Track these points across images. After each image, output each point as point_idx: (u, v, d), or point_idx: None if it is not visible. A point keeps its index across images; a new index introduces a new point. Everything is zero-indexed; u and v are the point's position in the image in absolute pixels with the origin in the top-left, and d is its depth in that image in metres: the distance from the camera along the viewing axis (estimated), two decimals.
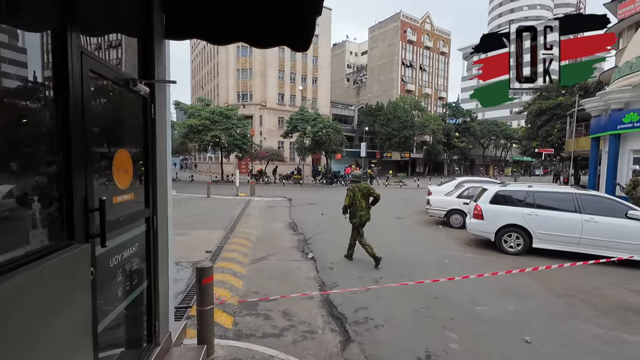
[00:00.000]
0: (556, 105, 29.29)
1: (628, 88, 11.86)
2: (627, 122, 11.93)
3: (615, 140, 12.65)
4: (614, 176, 12.67)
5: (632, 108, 12.04)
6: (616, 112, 12.53)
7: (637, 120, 11.59)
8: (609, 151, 12.94)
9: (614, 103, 12.61)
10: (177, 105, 24.35)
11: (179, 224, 8.92)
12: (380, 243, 7.47)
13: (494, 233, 6.52)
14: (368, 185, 6.10)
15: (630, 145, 12.30)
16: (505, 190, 6.66)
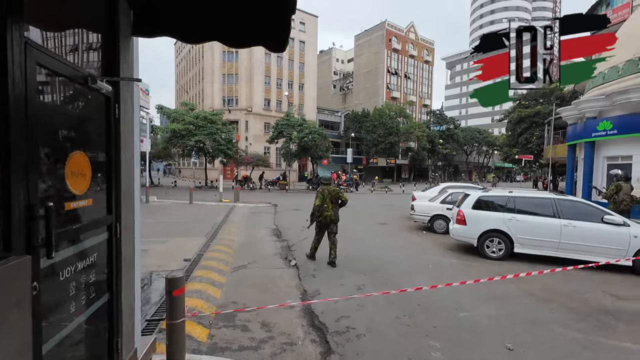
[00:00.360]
0: (535, 113, 30.31)
1: (601, 97, 12.34)
2: (601, 130, 12.39)
3: (590, 147, 13.11)
4: (590, 182, 13.09)
5: (605, 116, 12.52)
6: (591, 121, 13.01)
7: (610, 128, 12.05)
8: (585, 158, 13.39)
9: (588, 112, 13.09)
10: (160, 109, 23.84)
11: (158, 232, 8.62)
12: (364, 248, 7.43)
13: (476, 238, 6.56)
14: (336, 188, 6.32)
15: (604, 152, 12.77)
16: (487, 195, 6.73)
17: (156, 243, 7.33)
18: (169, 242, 7.53)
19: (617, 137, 11.94)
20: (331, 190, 6.08)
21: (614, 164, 12.60)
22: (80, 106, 1.94)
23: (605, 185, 11.33)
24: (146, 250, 6.64)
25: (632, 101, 11.08)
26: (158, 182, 30.38)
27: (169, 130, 23.50)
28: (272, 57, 42.30)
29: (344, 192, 6.20)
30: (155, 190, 22.33)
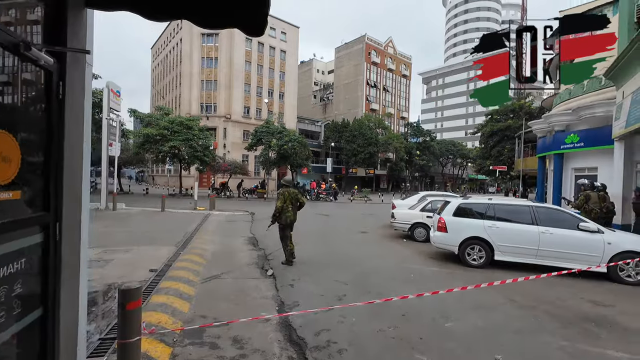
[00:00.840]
0: (506, 127, 31.76)
1: (568, 112, 12.99)
2: (569, 142, 12.99)
3: (559, 159, 13.70)
4: (559, 192, 13.63)
5: (572, 130, 13.16)
6: (559, 134, 13.63)
7: (577, 141, 12.66)
8: (554, 169, 13.97)
9: (557, 125, 13.73)
10: (133, 113, 22.80)
11: (124, 240, 7.98)
12: (345, 257, 7.18)
13: (457, 246, 6.49)
14: (296, 191, 6.59)
15: (572, 164, 13.37)
16: (468, 202, 6.72)
17: (120, 252, 6.75)
18: (134, 251, 6.96)
19: (583, 150, 12.53)
20: (292, 192, 6.32)
21: (581, 174, 13.21)
22: (10, 78, 1.59)
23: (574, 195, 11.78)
24: (108, 261, 6.07)
25: (597, 115, 11.70)
26: (128, 189, 28.92)
27: (142, 134, 22.48)
28: (253, 64, 42.09)
29: (303, 197, 6.64)
30: (124, 197, 21.15)
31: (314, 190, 25.50)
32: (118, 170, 28.25)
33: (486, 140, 34.64)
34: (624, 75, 8.71)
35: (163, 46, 50.88)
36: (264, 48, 43.23)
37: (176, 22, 44.16)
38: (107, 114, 14.72)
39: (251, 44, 41.84)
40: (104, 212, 13.55)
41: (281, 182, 6.80)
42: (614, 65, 8.90)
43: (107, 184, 15.11)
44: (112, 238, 8.30)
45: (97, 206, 14.69)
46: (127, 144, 29.26)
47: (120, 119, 15.85)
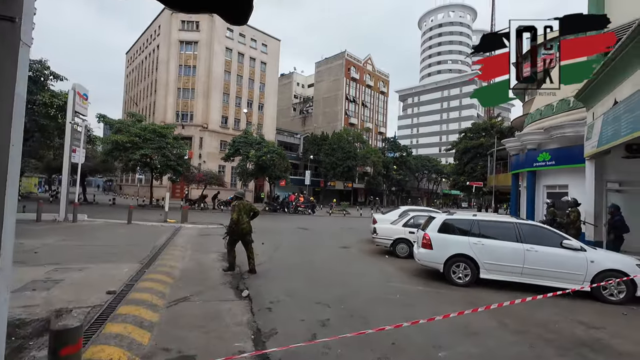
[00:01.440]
0: (479, 145, 32.98)
1: (540, 131, 13.51)
2: (541, 160, 13.46)
3: (532, 176, 14.14)
4: (532, 208, 14.01)
5: (543, 148, 13.67)
6: (531, 152, 14.12)
7: (548, 159, 13.13)
8: (527, 186, 14.39)
9: (529, 144, 14.23)
10: (102, 118, 21.49)
11: (79, 256, 7.15)
12: (327, 275, 6.76)
13: (442, 263, 6.27)
14: (249, 202, 6.94)
15: (544, 181, 13.83)
16: (453, 218, 6.56)
17: (73, 271, 5.97)
18: (91, 269, 6.19)
19: (555, 168, 12.99)
20: (245, 205, 6.64)
21: (553, 192, 13.67)
22: None
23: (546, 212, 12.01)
24: (57, 281, 5.31)
25: (567, 135, 12.20)
26: (93, 199, 27.08)
27: (111, 141, 21.18)
28: (232, 74, 41.58)
29: (256, 207, 7.02)
30: (87, 208, 19.68)
31: (292, 203, 24.99)
32: (82, 179, 26.45)
33: (460, 156, 35.79)
34: (594, 97, 9.11)
35: (139, 52, 49.38)
36: (244, 59, 42.96)
37: (154, 28, 43.12)
38: (72, 118, 13.69)
39: (231, 54, 41.47)
40: (62, 225, 12.38)
41: (235, 194, 7.03)
42: (584, 88, 9.30)
43: (68, 193, 13.91)
44: (67, 254, 7.44)
45: (55, 217, 13.44)
46: (94, 151, 27.56)
47: (87, 123, 14.79)
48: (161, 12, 41.13)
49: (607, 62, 7.71)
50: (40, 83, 14.94)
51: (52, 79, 15.23)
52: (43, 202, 13.91)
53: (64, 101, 14.27)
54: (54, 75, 15.22)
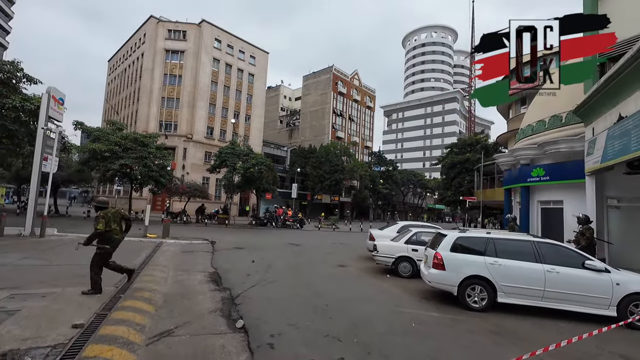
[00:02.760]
0: (465, 160, 33.38)
1: (533, 146, 13.51)
2: (535, 176, 13.40)
3: (526, 192, 14.06)
4: (527, 224, 13.85)
5: (537, 164, 13.66)
6: (524, 167, 14.09)
7: (543, 174, 13.08)
8: (522, 201, 14.29)
9: (522, 159, 14.21)
10: (79, 125, 20.23)
11: (42, 278, 6.19)
12: (330, 299, 5.99)
13: (456, 286, 5.74)
14: (119, 210, 6.14)
15: (538, 197, 13.75)
16: (466, 236, 6.08)
17: (34, 297, 5.06)
18: (55, 294, 5.28)
19: (549, 183, 12.93)
20: (114, 213, 5.79)
21: (547, 207, 13.59)
22: None
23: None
24: (11, 312, 4.42)
25: (561, 151, 12.20)
26: (66, 211, 25.32)
27: (88, 150, 19.89)
28: (219, 85, 40.95)
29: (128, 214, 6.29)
30: (59, 221, 18.21)
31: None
32: (54, 190, 24.74)
33: (447, 171, 36.09)
34: (594, 112, 9.04)
35: (122, 59, 48.10)
36: (231, 70, 42.51)
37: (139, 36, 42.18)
38: (45, 123, 12.63)
39: (218, 64, 40.95)
40: (26, 240, 11.16)
41: (97, 203, 5.92)
42: (584, 104, 9.25)
43: (36, 204, 12.69)
44: (28, 275, 6.46)
45: (19, 232, 12.17)
46: (69, 160, 25.96)
47: (62, 129, 13.71)
48: (147, 20, 40.36)
49: (610, 78, 7.64)
50: (11, 85, 13.82)
51: (26, 81, 14.14)
52: (7, 215, 12.62)
53: (37, 105, 13.21)
54: (28, 78, 14.14)
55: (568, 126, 12.38)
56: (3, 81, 13.39)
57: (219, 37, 41.09)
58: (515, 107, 28.63)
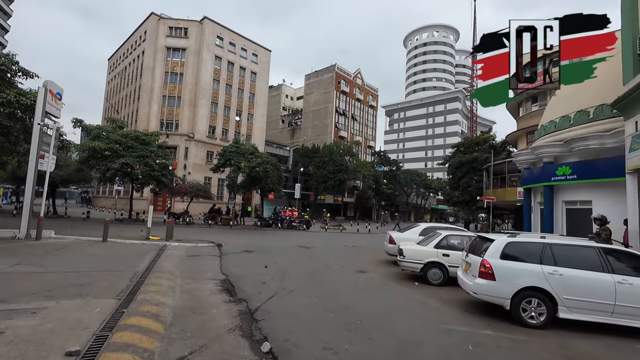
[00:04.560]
0: (473, 159, 32.60)
1: (558, 143, 12.76)
2: (560, 175, 12.65)
3: (550, 191, 13.30)
4: (550, 225, 13.10)
5: (561, 162, 12.90)
6: (548, 165, 13.33)
7: (569, 173, 12.34)
8: (545, 202, 13.53)
9: (545, 156, 13.45)
10: (79, 123, 19.45)
11: (34, 289, 5.42)
12: (363, 312, 5.18)
13: (509, 298, 5.00)
14: None
15: (563, 196, 13.00)
16: (518, 241, 5.33)
17: (22, 314, 4.30)
18: (49, 309, 4.53)
19: (576, 182, 12.18)
20: None
21: (573, 208, 12.84)
22: None
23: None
24: None
25: (591, 148, 11.45)
26: (65, 212, 24.56)
27: (88, 148, 19.12)
28: (221, 83, 40.22)
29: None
30: (57, 222, 17.47)
31: (287, 218, 23.38)
32: (53, 189, 23.97)
33: (454, 171, 35.29)
34: (636, 106, 8.30)
35: (122, 58, 47.37)
36: (233, 68, 41.79)
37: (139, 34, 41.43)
38: (42, 119, 11.89)
39: (220, 62, 40.22)
40: (21, 243, 10.41)
41: None
42: (626, 96, 8.50)
43: (32, 205, 11.94)
44: (19, 285, 5.70)
45: (14, 234, 11.42)
46: (68, 158, 25.19)
47: (59, 125, 12.96)
48: (148, 17, 39.62)
49: None
50: (5, 80, 13.07)
51: (21, 75, 13.39)
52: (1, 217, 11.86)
53: (33, 100, 12.45)
54: (23, 72, 13.36)
55: (598, 121, 11.63)
56: None
57: (221, 34, 40.37)
58: (525, 105, 27.91)
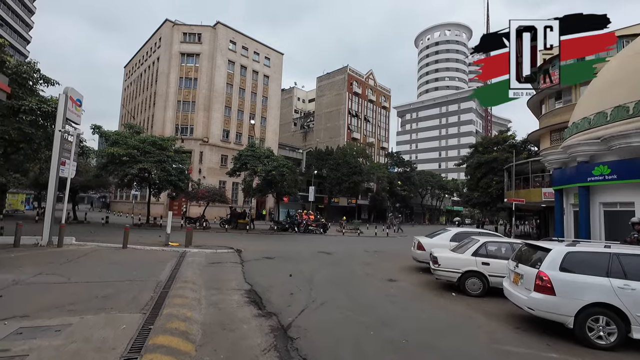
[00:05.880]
0: (493, 159, 31.55)
1: (595, 141, 11.99)
2: (598, 174, 11.87)
3: (585, 192, 12.51)
4: (587, 229, 12.31)
5: (598, 161, 12.12)
6: (583, 165, 12.55)
7: (608, 173, 11.56)
8: (580, 203, 12.73)
9: (580, 155, 12.67)
10: (97, 129, 19.69)
11: (57, 302, 5.17)
12: (405, 330, 4.52)
13: (572, 316, 4.46)
14: None
15: (600, 198, 12.20)
16: (580, 251, 4.78)
17: (46, 334, 4.02)
18: (72, 327, 4.25)
19: (616, 183, 11.40)
20: None
21: (612, 210, 12.03)
22: None
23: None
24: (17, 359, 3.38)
25: (633, 145, 10.69)
26: (85, 217, 24.89)
27: (107, 154, 19.30)
28: (234, 87, 40.38)
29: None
30: (77, 228, 17.58)
31: (304, 221, 23.03)
32: (73, 195, 24.33)
33: (473, 172, 34.24)
34: None
35: (137, 65, 48.23)
36: (246, 72, 41.92)
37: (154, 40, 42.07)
38: (62, 126, 11.91)
39: (233, 66, 40.41)
40: (43, 251, 10.36)
41: None
42: None
43: (54, 212, 11.94)
44: (42, 297, 5.49)
45: (36, 241, 11.43)
46: (87, 164, 25.58)
47: (79, 132, 13.00)
48: (162, 24, 40.20)
49: None
50: (27, 87, 13.23)
51: (42, 83, 13.53)
52: (24, 223, 11.90)
53: (54, 107, 12.52)
54: (45, 79, 13.52)
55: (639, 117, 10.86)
56: (19, 83, 12.76)
57: (234, 38, 40.59)
58: (548, 102, 26.84)
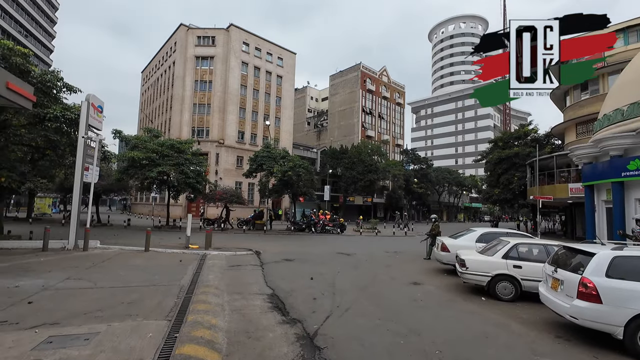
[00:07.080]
0: (514, 154, 30.47)
1: (630, 134, 11.32)
2: (633, 169, 11.21)
3: (619, 188, 11.85)
4: (621, 227, 11.64)
5: (633, 155, 11.45)
6: (617, 159, 11.89)
7: None
8: (614, 200, 12.06)
9: (613, 149, 12.02)
10: (118, 134, 20.19)
11: (85, 308, 5.20)
12: (436, 339, 4.21)
13: (622, 326, 4.12)
14: None
15: (636, 194, 11.53)
16: (628, 256, 4.43)
17: (75, 343, 4.02)
18: (100, 337, 4.25)
19: None
20: None
21: None
22: None
23: None
24: None
25: None
26: (107, 220, 25.61)
27: (127, 158, 19.76)
28: (248, 88, 40.66)
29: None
30: (101, 231, 18.07)
31: (321, 221, 22.92)
32: (96, 198, 25.07)
33: (493, 167, 33.19)
34: None
35: (154, 69, 49.32)
36: (260, 72, 42.14)
37: (170, 45, 42.87)
38: (85, 132, 12.20)
39: (247, 68, 40.69)
40: (70, 255, 10.63)
41: None
42: None
43: (79, 216, 12.26)
44: (70, 303, 5.56)
45: (63, 245, 11.76)
46: (109, 168, 26.32)
47: (102, 138, 13.29)
48: (177, 28, 40.88)
49: None
50: (52, 95, 13.63)
51: (66, 90, 13.92)
52: (51, 227, 12.28)
53: (77, 114, 12.84)
54: (68, 87, 13.90)
55: None
56: (44, 91, 13.15)
57: (247, 40, 40.85)
58: (573, 93, 25.67)
